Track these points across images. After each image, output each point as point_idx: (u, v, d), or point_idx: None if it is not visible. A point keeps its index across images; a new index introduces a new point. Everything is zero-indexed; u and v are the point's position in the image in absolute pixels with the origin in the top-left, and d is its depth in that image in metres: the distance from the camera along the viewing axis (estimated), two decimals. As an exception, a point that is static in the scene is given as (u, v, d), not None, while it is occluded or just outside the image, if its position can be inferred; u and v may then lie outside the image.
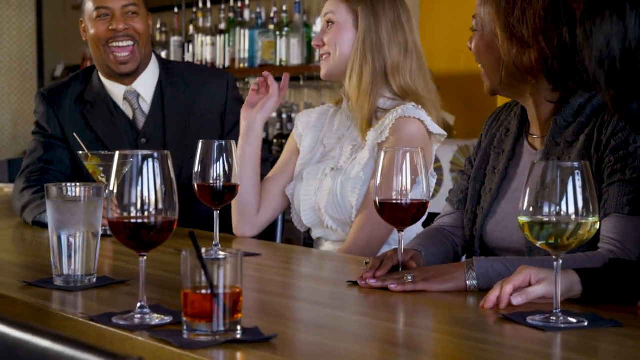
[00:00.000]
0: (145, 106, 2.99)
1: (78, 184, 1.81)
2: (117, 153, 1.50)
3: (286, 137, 5.39)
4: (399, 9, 2.49)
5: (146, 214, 1.48)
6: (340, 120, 2.54)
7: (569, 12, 1.90)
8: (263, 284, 1.88)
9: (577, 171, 1.47)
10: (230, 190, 2.21)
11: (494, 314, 1.55)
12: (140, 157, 1.48)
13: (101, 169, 2.52)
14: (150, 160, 1.48)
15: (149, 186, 1.47)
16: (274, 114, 5.57)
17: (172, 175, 1.50)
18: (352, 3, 2.47)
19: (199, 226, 2.90)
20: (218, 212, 2.22)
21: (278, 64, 5.39)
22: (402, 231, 1.87)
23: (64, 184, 1.82)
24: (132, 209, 1.47)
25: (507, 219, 2.02)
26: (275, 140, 5.40)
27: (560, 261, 1.51)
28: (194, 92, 3.02)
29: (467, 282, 1.75)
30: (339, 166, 2.44)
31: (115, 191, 1.48)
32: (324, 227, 2.45)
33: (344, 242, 2.41)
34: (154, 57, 3.06)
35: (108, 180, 2.46)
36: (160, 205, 1.48)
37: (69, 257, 1.78)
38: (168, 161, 1.50)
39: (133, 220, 1.47)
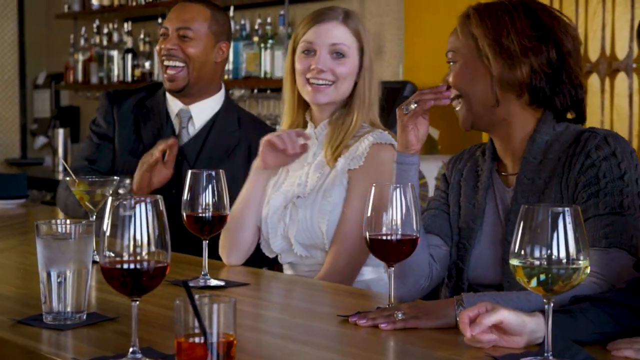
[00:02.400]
0: (192, 130, 3.09)
1: (68, 221, 1.80)
2: (109, 198, 1.50)
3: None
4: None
5: (139, 258, 1.48)
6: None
7: (551, 32, 1.98)
8: (253, 319, 1.88)
9: (567, 215, 1.48)
10: (219, 220, 2.21)
11: (485, 355, 1.56)
12: (132, 202, 1.48)
13: (88, 195, 2.51)
14: (142, 205, 1.48)
15: (142, 232, 1.47)
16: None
17: (165, 220, 1.50)
18: (359, 37, 2.49)
19: (186, 250, 2.91)
20: (207, 241, 2.23)
21: (262, 76, 5.39)
22: (392, 266, 1.88)
23: (54, 221, 1.81)
24: (125, 254, 1.47)
25: (488, 255, 2.06)
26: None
27: (552, 304, 1.52)
28: (240, 136, 3.09)
29: (458, 319, 1.76)
30: (305, 194, 2.45)
31: (107, 234, 1.48)
32: (294, 254, 2.47)
33: (315, 265, 2.44)
34: (223, 92, 3.15)
35: (95, 206, 2.50)
36: (153, 251, 1.47)
37: (59, 294, 1.78)
38: (161, 206, 1.50)
39: (125, 266, 1.47)
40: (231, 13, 5.69)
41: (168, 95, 3.12)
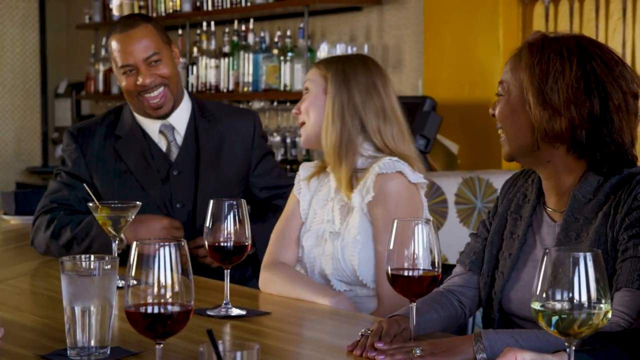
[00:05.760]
0: (179, 138, 3.07)
1: (92, 257, 1.82)
2: (134, 243, 1.51)
3: (290, 162, 5.40)
4: (373, 76, 2.54)
5: (163, 301, 1.49)
6: (326, 183, 2.57)
7: (600, 85, 1.92)
8: (275, 354, 1.89)
9: (589, 259, 1.49)
10: (240, 250, 2.22)
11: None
12: (156, 246, 1.49)
13: (111, 220, 2.53)
14: (166, 248, 1.49)
15: (166, 276, 1.49)
16: (278, 138, 5.59)
17: (189, 263, 1.52)
18: (323, 70, 2.54)
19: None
20: (228, 270, 2.24)
21: (282, 88, 5.41)
22: (414, 302, 1.89)
23: (77, 256, 1.83)
24: (150, 298, 1.48)
25: (526, 288, 2.03)
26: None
27: (573, 348, 1.52)
28: (224, 126, 3.10)
29: (476, 356, 1.77)
30: (336, 230, 2.47)
31: (132, 278, 1.50)
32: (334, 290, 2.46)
33: (354, 298, 2.44)
34: (186, 92, 3.11)
35: (117, 231, 2.52)
36: (178, 295, 1.49)
37: (83, 329, 1.80)
38: (185, 249, 1.51)
39: (150, 311, 1.48)
40: (251, 25, 5.71)
41: (138, 116, 3.04)
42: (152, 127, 3.04)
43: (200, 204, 2.98)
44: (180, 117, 3.06)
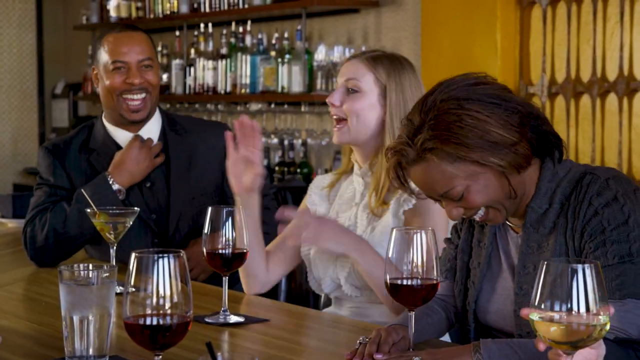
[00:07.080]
0: None
1: (91, 265, 1.81)
2: (132, 254, 1.51)
3: (288, 164, 5.40)
4: (417, 76, 2.46)
5: (161, 312, 1.49)
6: (349, 186, 2.53)
7: (504, 97, 1.89)
8: (273, 362, 1.89)
9: (588, 271, 1.48)
10: (239, 256, 2.22)
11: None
12: (155, 257, 1.49)
13: (109, 225, 2.52)
14: (165, 259, 1.49)
15: (165, 288, 1.48)
16: (275, 140, 5.59)
17: (188, 275, 1.52)
18: (381, 75, 2.40)
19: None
20: (227, 277, 2.24)
21: (280, 90, 5.41)
22: (413, 311, 1.88)
23: (76, 265, 1.82)
24: (148, 309, 1.48)
25: (499, 301, 2.02)
26: (277, 168, 5.41)
27: (571, 358, 1.52)
28: (195, 139, 3.11)
29: None
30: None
31: (130, 290, 1.50)
32: (343, 294, 2.44)
33: (362, 303, 2.43)
34: (157, 107, 3.12)
35: (116, 237, 2.51)
36: (177, 305, 1.49)
37: (81, 338, 1.79)
38: (183, 259, 1.51)
39: (149, 322, 1.48)
40: (248, 27, 5.71)
41: (110, 127, 3.06)
42: (123, 138, 3.05)
43: (172, 215, 3.01)
44: (151, 130, 3.07)
